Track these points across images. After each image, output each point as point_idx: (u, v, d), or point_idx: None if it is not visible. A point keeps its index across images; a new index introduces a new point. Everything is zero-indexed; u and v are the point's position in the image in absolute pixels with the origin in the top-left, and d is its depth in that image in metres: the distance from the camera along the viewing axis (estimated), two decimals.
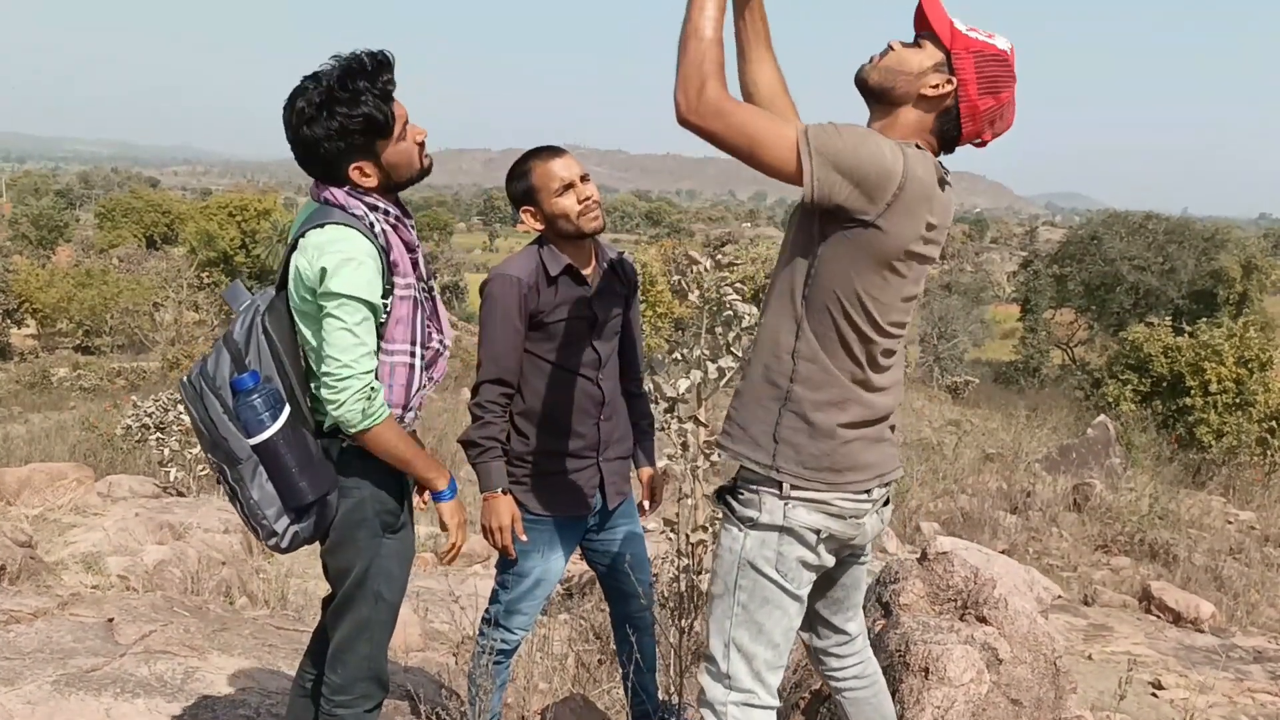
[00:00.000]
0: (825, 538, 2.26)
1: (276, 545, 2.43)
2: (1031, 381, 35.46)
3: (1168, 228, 38.22)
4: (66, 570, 5.66)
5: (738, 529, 2.29)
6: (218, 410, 2.37)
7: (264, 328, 2.42)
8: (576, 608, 5.59)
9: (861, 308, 2.18)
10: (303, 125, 2.37)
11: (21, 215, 66.08)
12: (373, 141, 2.40)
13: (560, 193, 2.97)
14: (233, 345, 2.42)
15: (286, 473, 2.36)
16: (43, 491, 7.33)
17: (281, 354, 2.42)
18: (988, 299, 54.13)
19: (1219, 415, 14.87)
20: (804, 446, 2.22)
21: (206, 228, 50.28)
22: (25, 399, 23.52)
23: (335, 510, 2.48)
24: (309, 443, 2.41)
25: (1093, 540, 8.86)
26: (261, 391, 2.35)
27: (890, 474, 2.35)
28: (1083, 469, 12.13)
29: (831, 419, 2.22)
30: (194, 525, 6.95)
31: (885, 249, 2.13)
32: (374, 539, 2.53)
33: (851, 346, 2.21)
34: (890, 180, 2.06)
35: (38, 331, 43.32)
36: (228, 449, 2.37)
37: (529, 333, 3.07)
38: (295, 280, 2.38)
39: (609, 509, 3.29)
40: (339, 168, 2.42)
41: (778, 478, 2.23)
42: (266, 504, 2.39)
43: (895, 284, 2.20)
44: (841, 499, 2.25)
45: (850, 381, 2.23)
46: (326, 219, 2.40)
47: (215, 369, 2.40)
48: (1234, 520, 10.47)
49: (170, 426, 10.97)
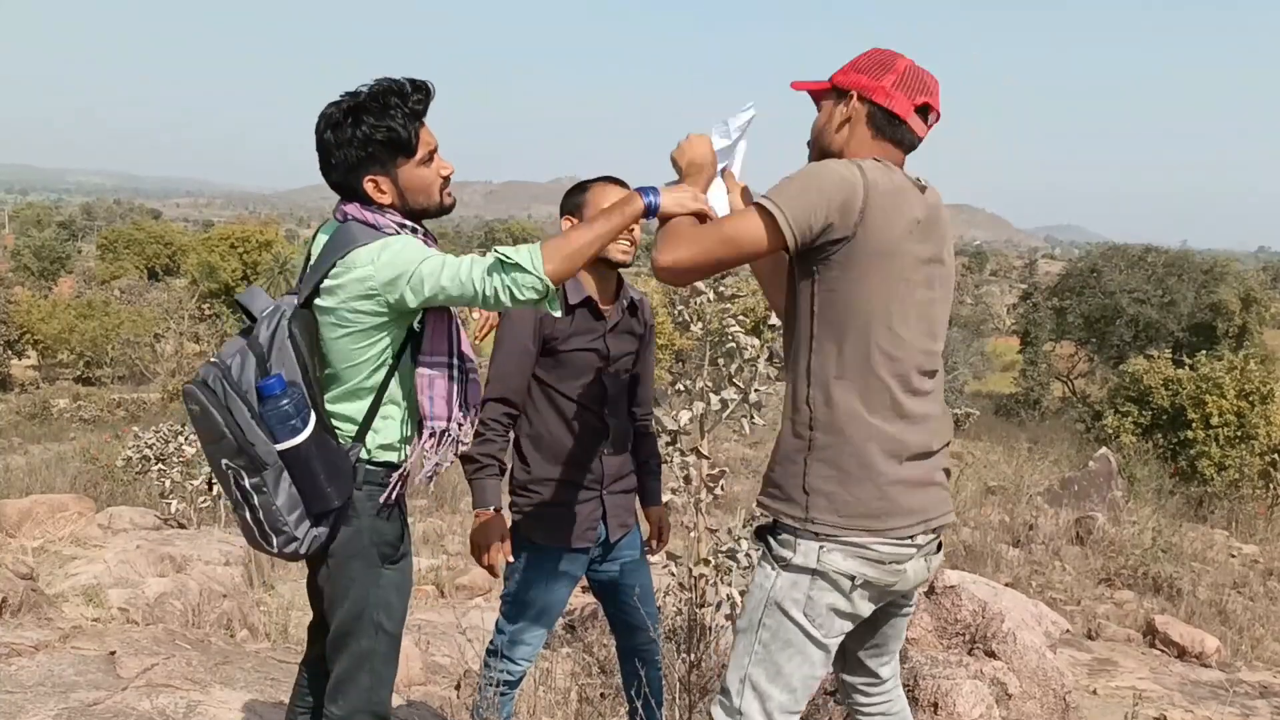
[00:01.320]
0: (861, 584, 2.21)
1: (295, 551, 2.39)
2: (1032, 414, 35.38)
3: (1167, 261, 38.27)
4: (67, 602, 5.63)
5: (771, 568, 2.27)
6: (245, 414, 2.31)
7: (290, 332, 2.38)
8: (579, 641, 5.56)
9: (876, 321, 2.18)
10: (328, 129, 2.40)
11: (24, 247, 66.25)
12: (393, 157, 2.42)
13: None
14: (257, 347, 2.37)
15: (315, 478, 2.34)
16: (44, 523, 7.31)
17: (306, 361, 2.39)
18: (988, 331, 54.12)
19: (1221, 448, 14.85)
20: (837, 494, 2.19)
21: (208, 259, 50.39)
22: (26, 430, 23.48)
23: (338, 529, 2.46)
24: (333, 446, 2.41)
25: (1096, 574, 8.82)
26: (290, 396, 2.32)
27: (938, 519, 2.29)
28: (1085, 502, 12.08)
29: (863, 458, 2.19)
30: (195, 557, 6.93)
31: (876, 248, 2.16)
32: (371, 569, 2.50)
33: (874, 370, 2.19)
34: (854, 193, 2.14)
35: (38, 362, 43.32)
36: (254, 454, 2.31)
37: (540, 358, 3.08)
38: (345, 292, 2.35)
39: (611, 541, 3.29)
40: (355, 177, 2.43)
41: (814, 529, 2.20)
42: (290, 509, 2.34)
43: (904, 288, 2.20)
44: (881, 543, 2.20)
45: (876, 415, 2.20)
46: (359, 239, 2.38)
47: (240, 372, 2.35)
48: (1237, 554, 10.43)
49: (171, 458, 10.95)
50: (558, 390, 3.12)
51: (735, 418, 4.58)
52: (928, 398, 2.29)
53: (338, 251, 2.39)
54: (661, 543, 3.49)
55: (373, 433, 2.48)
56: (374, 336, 2.41)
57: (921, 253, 2.22)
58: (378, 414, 2.48)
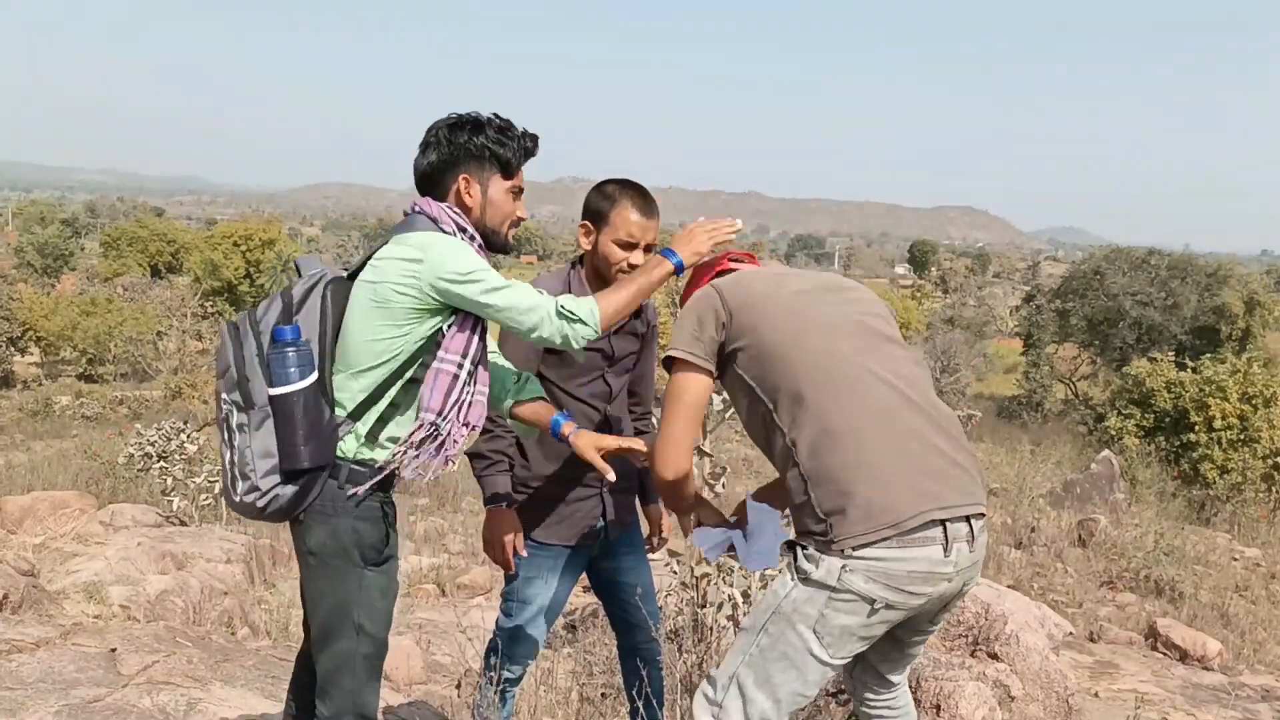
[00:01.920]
0: (883, 607, 2.19)
1: (253, 503, 2.41)
2: (1035, 416, 35.37)
3: (1170, 263, 38.24)
4: (68, 599, 5.63)
5: (790, 577, 2.27)
6: (252, 350, 2.41)
7: (324, 294, 2.48)
8: (580, 640, 5.56)
9: (791, 361, 2.35)
10: (448, 128, 2.57)
11: (27, 244, 66.33)
12: (493, 170, 2.59)
13: (620, 243, 3.01)
14: (288, 297, 2.47)
15: (294, 432, 2.36)
16: (45, 520, 7.32)
17: (329, 327, 2.46)
18: (990, 333, 54.12)
19: (1223, 451, 14.83)
20: (849, 508, 2.19)
21: (211, 257, 50.43)
22: (28, 427, 23.50)
23: (308, 533, 2.47)
24: (324, 414, 2.42)
25: (1098, 576, 8.81)
26: (298, 347, 2.37)
27: (956, 507, 2.22)
28: (1087, 504, 12.07)
29: (849, 459, 2.21)
30: (196, 554, 6.93)
31: (760, 325, 2.43)
32: (353, 569, 2.49)
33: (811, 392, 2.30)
34: (715, 307, 2.49)
35: (41, 359, 43.37)
36: (246, 390, 2.40)
37: (544, 355, 3.08)
38: (389, 270, 2.44)
39: (611, 539, 3.28)
40: (453, 172, 2.57)
41: (838, 546, 2.19)
42: (262, 455, 2.38)
43: (793, 334, 2.39)
44: (906, 555, 2.16)
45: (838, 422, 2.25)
46: (419, 227, 2.51)
47: (264, 314, 2.46)
48: (1239, 557, 10.42)
49: (173, 455, 10.95)
50: (561, 388, 3.12)
51: (737, 418, 4.58)
52: (900, 389, 2.33)
53: (394, 232, 2.52)
54: (662, 540, 3.49)
55: (364, 421, 2.48)
56: (401, 322, 2.44)
57: (801, 286, 2.49)
58: (377, 403, 2.49)
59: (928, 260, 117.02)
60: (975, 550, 2.27)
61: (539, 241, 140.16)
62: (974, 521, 2.26)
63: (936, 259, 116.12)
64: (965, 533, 2.23)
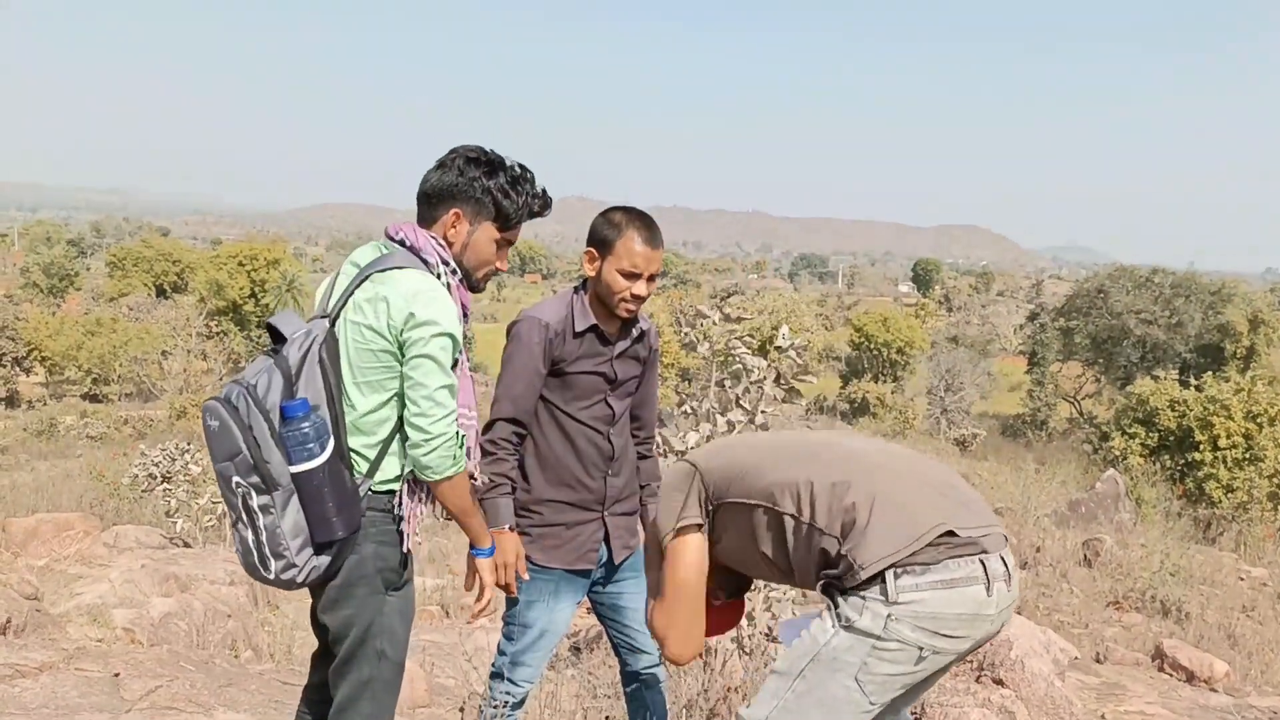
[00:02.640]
0: (929, 655, 2.14)
1: (292, 579, 2.38)
2: (1039, 434, 35.33)
3: (1174, 282, 38.26)
4: (72, 623, 5.62)
5: (832, 624, 2.20)
6: (264, 431, 2.32)
7: (320, 357, 2.40)
8: (584, 663, 5.54)
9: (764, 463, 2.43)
10: (464, 159, 2.56)
11: (33, 264, 66.52)
12: (488, 216, 2.58)
13: (624, 272, 3.01)
14: (285, 367, 2.38)
15: (324, 505, 2.33)
16: (49, 542, 7.32)
17: (333, 385, 2.41)
18: (994, 351, 54.10)
19: (1229, 470, 14.79)
20: (863, 541, 2.16)
21: (216, 277, 50.52)
22: (32, 447, 23.53)
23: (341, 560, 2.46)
24: (346, 479, 2.40)
25: (1104, 596, 8.78)
26: (312, 420, 2.32)
27: (973, 528, 2.19)
28: (1092, 524, 12.04)
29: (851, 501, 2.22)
30: (200, 577, 6.93)
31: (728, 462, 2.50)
32: (375, 596, 2.50)
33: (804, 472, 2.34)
34: (687, 477, 2.56)
35: (46, 379, 43.42)
36: (266, 472, 2.31)
37: (547, 379, 3.08)
38: (367, 313, 2.42)
39: (614, 562, 3.28)
40: (447, 204, 2.56)
41: (868, 575, 2.14)
42: (294, 534, 2.34)
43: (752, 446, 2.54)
44: (951, 598, 2.12)
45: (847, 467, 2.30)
46: (400, 262, 2.47)
47: (266, 391, 2.35)
48: (1246, 577, 10.37)
49: (177, 476, 10.96)
50: (564, 411, 3.12)
51: None
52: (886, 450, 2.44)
53: (376, 267, 2.47)
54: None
55: (382, 469, 2.49)
56: (388, 361, 2.44)
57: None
58: (389, 449, 2.49)
59: (931, 279, 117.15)
60: (1013, 589, 2.23)
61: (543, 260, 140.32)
62: (1006, 558, 2.23)
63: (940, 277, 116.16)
64: (1003, 572, 2.19)
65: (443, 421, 2.41)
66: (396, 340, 2.40)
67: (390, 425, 2.48)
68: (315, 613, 2.59)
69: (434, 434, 2.40)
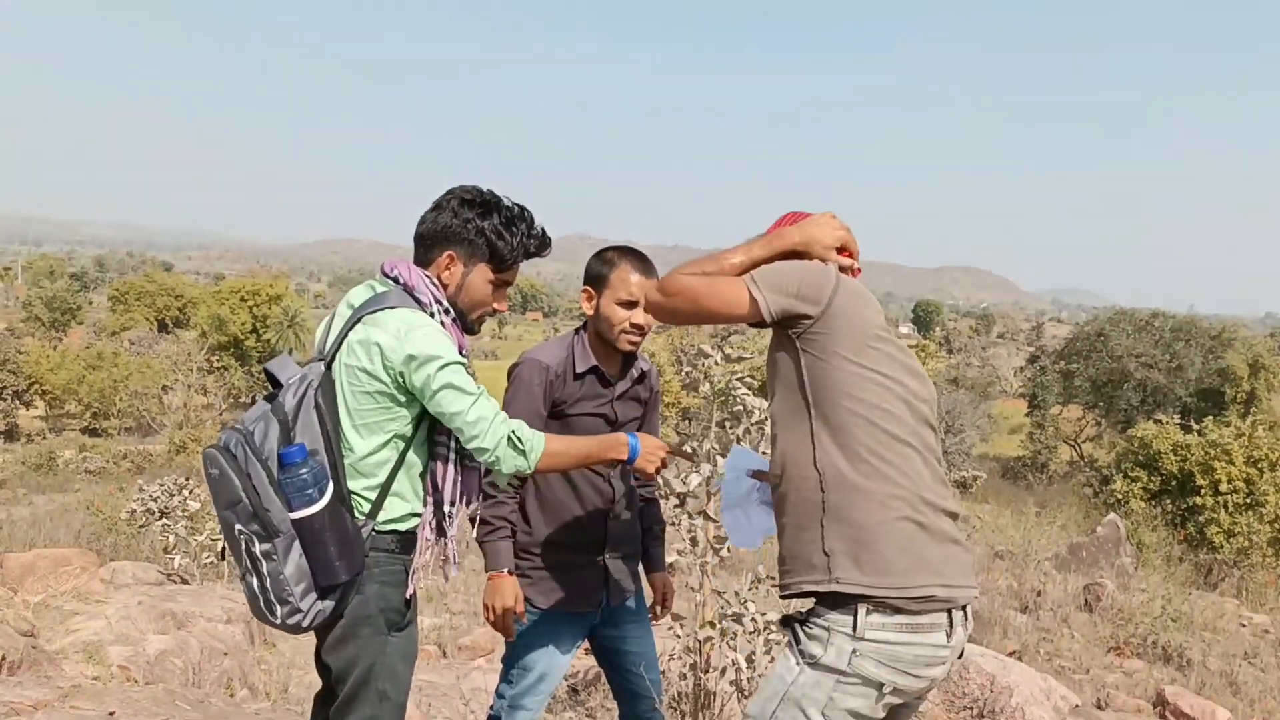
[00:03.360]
0: (890, 692, 2.18)
1: (298, 624, 2.38)
2: (1040, 477, 35.27)
3: (1174, 325, 38.34)
4: (68, 660, 5.59)
5: (796, 661, 2.22)
6: (263, 480, 2.32)
7: (316, 402, 2.40)
8: (583, 704, 5.50)
9: (856, 397, 2.24)
10: (460, 200, 2.55)
11: (35, 297, 66.75)
12: (483, 258, 2.57)
13: (621, 303, 3.04)
14: (281, 414, 2.38)
15: (326, 550, 2.34)
16: (46, 577, 7.29)
17: (330, 431, 2.41)
18: (995, 394, 54.10)
19: (1230, 515, 14.75)
20: (859, 552, 2.17)
21: (218, 311, 50.68)
22: (31, 481, 23.48)
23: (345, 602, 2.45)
24: (347, 521, 2.40)
25: (1105, 642, 8.72)
26: (310, 466, 2.32)
27: (958, 587, 2.22)
28: (1093, 568, 11.99)
29: (875, 514, 2.19)
30: (197, 614, 6.89)
31: (845, 334, 2.27)
32: (378, 636, 2.49)
33: (863, 436, 2.22)
34: (825, 283, 2.31)
35: (46, 413, 43.42)
36: (267, 520, 2.32)
37: (548, 421, 3.09)
38: (361, 356, 2.42)
39: (613, 605, 3.27)
40: (441, 246, 2.55)
41: (840, 589, 2.16)
42: (297, 580, 2.34)
43: (869, 368, 2.27)
44: (914, 640, 2.15)
45: (877, 475, 2.21)
46: (392, 302, 2.47)
47: (263, 438, 2.36)
48: (1248, 623, 10.31)
49: (175, 512, 10.93)
50: None
51: None
52: (916, 455, 2.29)
53: (369, 308, 2.46)
54: (665, 609, 3.47)
55: (385, 509, 2.49)
56: (388, 404, 2.44)
57: (883, 335, 2.34)
58: (390, 489, 2.49)
59: (932, 320, 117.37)
60: (967, 629, 2.29)
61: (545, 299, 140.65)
62: (967, 607, 2.27)
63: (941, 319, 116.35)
64: (962, 619, 2.24)
65: (490, 435, 2.42)
66: (396, 382, 2.40)
67: (390, 466, 2.48)
68: (319, 653, 2.58)
69: (490, 447, 2.43)
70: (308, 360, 2.56)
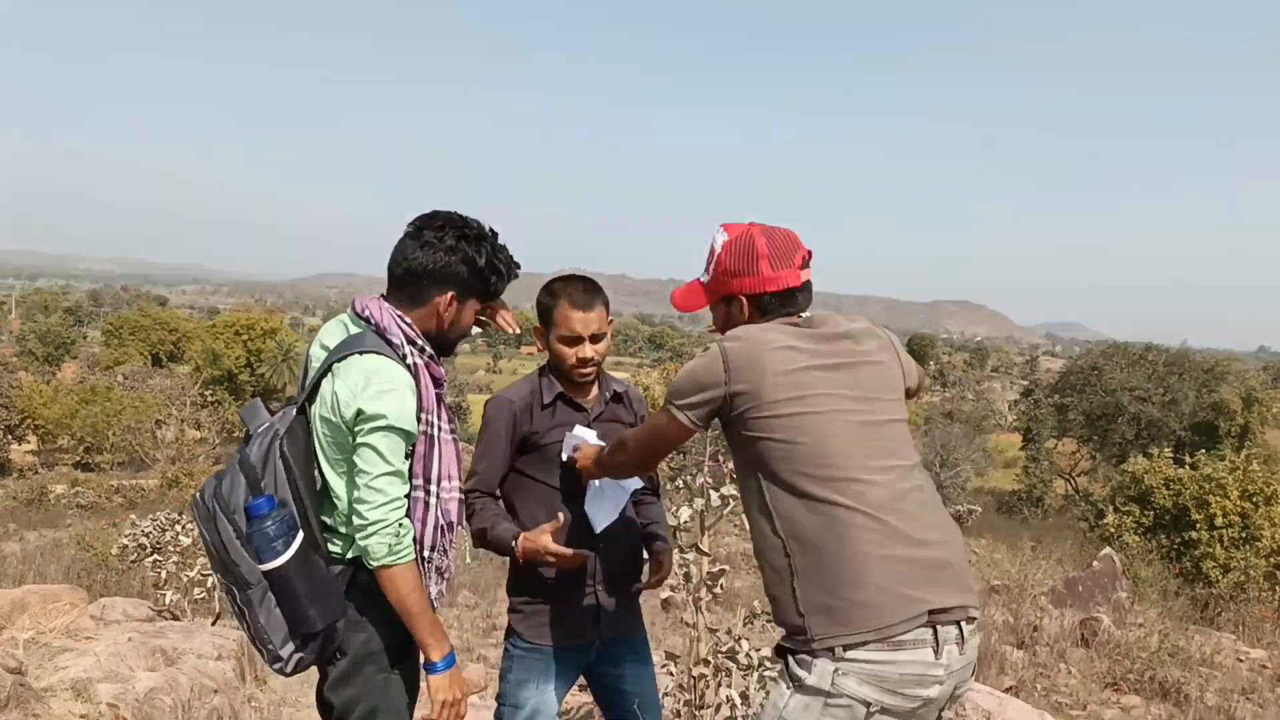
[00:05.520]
0: (878, 711, 2.17)
1: (280, 669, 2.40)
2: (1035, 511, 35.22)
3: (1168, 359, 38.45)
4: (56, 697, 5.53)
5: (786, 686, 2.24)
6: (230, 534, 2.33)
7: (281, 452, 2.38)
8: None
9: (791, 455, 2.27)
10: (459, 234, 2.49)
11: (29, 332, 66.71)
12: (477, 294, 2.57)
13: (565, 340, 3.02)
14: (249, 468, 2.37)
15: (296, 600, 2.33)
16: (36, 614, 7.23)
17: (298, 479, 2.39)
18: (989, 428, 54.10)
19: (1225, 550, 14.72)
20: (833, 606, 2.18)
21: (212, 346, 50.68)
22: (22, 516, 23.36)
23: (342, 639, 2.44)
24: (320, 570, 2.39)
25: (1102, 677, 8.67)
26: (275, 518, 2.31)
27: (947, 607, 2.21)
28: (1089, 603, 11.93)
29: (840, 568, 2.19)
30: (187, 650, 6.83)
31: (759, 396, 2.30)
32: (381, 674, 2.49)
33: (813, 489, 2.24)
34: (715, 364, 2.35)
35: (38, 448, 43.27)
36: (238, 574, 2.33)
37: (525, 455, 3.07)
38: (327, 405, 2.40)
39: (605, 639, 3.22)
40: (437, 284, 2.50)
41: (818, 645, 2.18)
42: (274, 629, 2.35)
43: (795, 413, 2.28)
44: (897, 658, 2.15)
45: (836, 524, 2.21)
46: (363, 346, 2.43)
47: (230, 491, 2.36)
48: (1245, 658, 10.26)
49: (166, 547, 10.87)
50: (547, 484, 3.08)
51: (736, 514, 4.55)
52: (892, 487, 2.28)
53: (339, 354, 2.44)
54: (660, 578, 3.36)
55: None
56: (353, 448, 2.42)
57: (803, 364, 2.33)
58: None
59: (926, 354, 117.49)
60: (966, 652, 2.25)
61: None
62: (964, 625, 2.24)
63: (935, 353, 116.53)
64: (955, 635, 2.22)
65: (381, 509, 2.37)
66: (350, 430, 2.38)
67: None
68: (320, 690, 2.57)
69: (370, 520, 2.37)
70: (283, 405, 2.54)
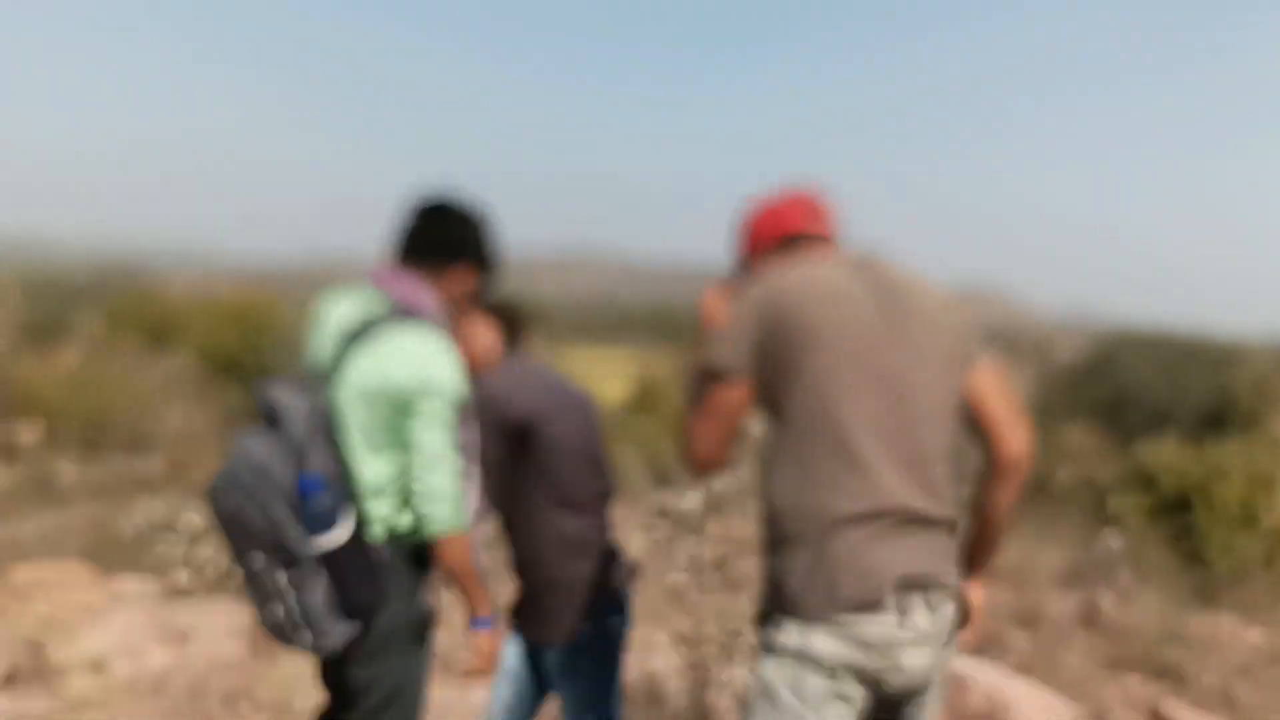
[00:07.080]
0: (845, 670, 2.17)
1: (323, 645, 2.38)
2: (1040, 495, 35.19)
3: (1180, 346, 38.30)
4: (72, 673, 5.62)
5: (764, 652, 2.27)
6: (282, 510, 2.28)
7: (327, 427, 2.38)
8: None
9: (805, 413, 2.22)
10: (466, 210, 2.57)
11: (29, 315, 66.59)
12: (488, 269, 2.62)
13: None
14: (296, 442, 2.33)
15: (348, 575, 2.34)
16: (51, 591, 7.32)
17: (342, 455, 2.39)
18: None
19: (1226, 532, 14.76)
20: (798, 575, 2.19)
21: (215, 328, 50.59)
22: (32, 497, 23.42)
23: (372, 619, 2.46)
24: (366, 545, 2.41)
25: (1103, 658, 8.73)
26: (329, 493, 2.31)
27: (923, 575, 2.20)
28: (1092, 585, 11.98)
29: (808, 547, 2.19)
30: (200, 628, 6.91)
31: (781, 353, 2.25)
32: (405, 651, 2.51)
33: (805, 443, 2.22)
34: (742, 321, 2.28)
35: (44, 430, 43.29)
36: (291, 550, 2.29)
37: None
38: (370, 379, 2.39)
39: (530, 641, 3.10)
40: (458, 257, 2.57)
41: (792, 612, 2.19)
42: (323, 605, 2.34)
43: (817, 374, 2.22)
44: (862, 619, 2.15)
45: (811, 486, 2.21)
46: (403, 320, 2.45)
47: (278, 468, 2.31)
48: (1244, 639, 10.32)
49: (178, 526, 10.92)
50: None
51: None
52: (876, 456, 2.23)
53: (380, 331, 2.43)
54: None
55: (403, 524, 2.50)
56: (397, 423, 2.43)
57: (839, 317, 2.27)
58: (406, 504, 2.49)
59: None
60: (937, 617, 2.24)
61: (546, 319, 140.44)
62: (932, 593, 2.23)
63: None
64: (920, 603, 2.20)
65: (447, 477, 2.41)
66: (405, 403, 2.39)
67: (404, 482, 2.49)
68: (330, 667, 2.58)
69: (435, 487, 2.40)
70: (301, 377, 2.52)
